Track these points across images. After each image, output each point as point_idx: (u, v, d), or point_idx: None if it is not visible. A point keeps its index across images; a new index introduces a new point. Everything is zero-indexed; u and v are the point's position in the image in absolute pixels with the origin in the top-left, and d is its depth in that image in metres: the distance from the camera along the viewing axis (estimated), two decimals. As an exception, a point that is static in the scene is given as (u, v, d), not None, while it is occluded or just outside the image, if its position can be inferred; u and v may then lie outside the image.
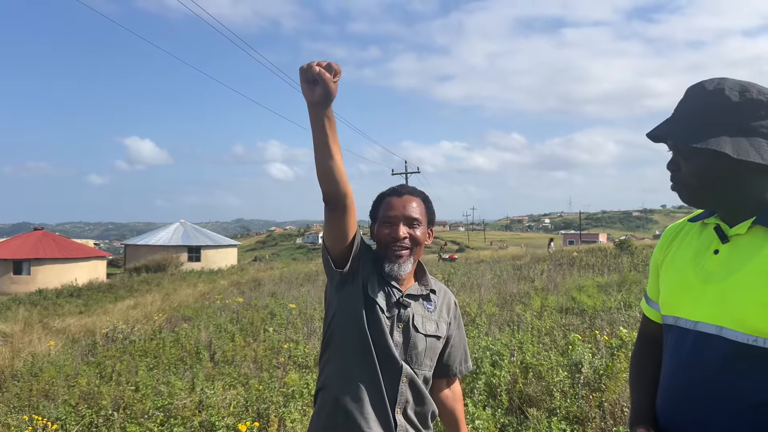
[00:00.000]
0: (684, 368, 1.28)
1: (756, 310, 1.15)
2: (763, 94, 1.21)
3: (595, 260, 17.66)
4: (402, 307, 1.80)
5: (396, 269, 1.79)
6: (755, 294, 1.16)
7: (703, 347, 1.24)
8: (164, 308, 14.94)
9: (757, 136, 1.20)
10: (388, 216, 1.83)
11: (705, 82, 1.27)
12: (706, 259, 1.30)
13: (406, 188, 1.91)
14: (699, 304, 1.27)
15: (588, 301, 9.61)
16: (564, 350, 5.91)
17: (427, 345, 1.82)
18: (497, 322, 8.27)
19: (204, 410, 4.78)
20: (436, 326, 1.87)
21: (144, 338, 8.75)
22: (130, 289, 26.78)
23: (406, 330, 1.79)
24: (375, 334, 1.74)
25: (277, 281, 19.69)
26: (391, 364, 1.75)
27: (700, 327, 1.26)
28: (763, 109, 1.20)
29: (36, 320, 14.95)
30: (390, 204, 1.85)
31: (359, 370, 1.75)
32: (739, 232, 1.25)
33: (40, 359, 7.58)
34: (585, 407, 4.36)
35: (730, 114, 1.21)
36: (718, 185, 1.25)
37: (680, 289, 1.34)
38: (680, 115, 1.29)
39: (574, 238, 73.00)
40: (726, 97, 1.21)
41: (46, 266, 35.38)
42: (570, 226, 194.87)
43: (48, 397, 5.86)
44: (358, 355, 1.75)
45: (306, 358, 6.71)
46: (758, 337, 1.15)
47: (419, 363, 1.81)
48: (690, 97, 1.28)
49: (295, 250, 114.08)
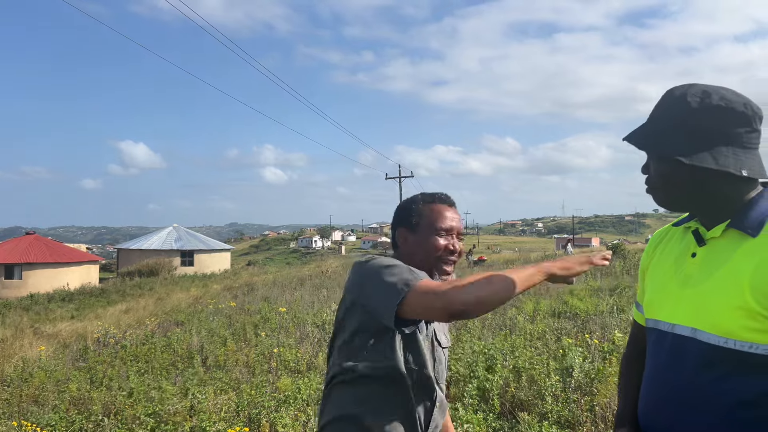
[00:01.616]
0: (661, 371, 1.30)
1: (729, 314, 1.16)
2: (725, 100, 1.21)
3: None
4: (428, 322, 1.71)
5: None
6: (727, 297, 1.17)
7: (679, 349, 1.26)
8: (157, 313, 14.87)
9: (716, 141, 1.20)
10: (445, 228, 1.73)
11: (675, 88, 1.28)
12: (685, 262, 1.31)
13: (450, 198, 1.82)
14: (677, 307, 1.28)
15: (580, 305, 9.63)
16: (556, 354, 5.93)
17: (446, 358, 1.77)
18: (490, 326, 8.28)
19: (195, 415, 4.76)
20: (448, 337, 1.83)
21: (136, 343, 8.71)
22: (123, 293, 26.64)
23: (433, 345, 1.71)
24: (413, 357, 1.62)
25: (271, 286, 19.63)
26: (427, 389, 1.65)
27: (677, 330, 1.27)
28: (722, 115, 1.20)
29: (27, 325, 14.86)
30: (444, 214, 1.75)
31: (390, 398, 1.60)
32: (715, 235, 1.26)
33: (31, 364, 7.53)
34: (576, 411, 4.37)
35: (692, 120, 1.21)
36: (681, 189, 1.26)
37: (661, 292, 1.36)
38: (650, 119, 1.30)
39: (567, 242, 73.18)
40: (688, 103, 1.22)
41: (37, 271, 35.17)
42: (563, 230, 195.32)
43: (38, 402, 5.82)
44: (389, 381, 1.59)
45: (298, 363, 6.70)
46: (728, 339, 1.16)
47: (442, 378, 1.74)
48: (660, 103, 1.29)
49: (289, 255, 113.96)
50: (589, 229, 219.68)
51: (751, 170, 1.20)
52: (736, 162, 1.19)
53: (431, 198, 1.79)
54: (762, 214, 1.21)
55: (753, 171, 1.21)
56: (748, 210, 1.22)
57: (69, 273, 36.17)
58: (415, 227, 1.74)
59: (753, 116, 1.21)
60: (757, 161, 1.23)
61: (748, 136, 1.21)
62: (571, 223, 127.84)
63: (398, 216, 1.82)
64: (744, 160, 1.20)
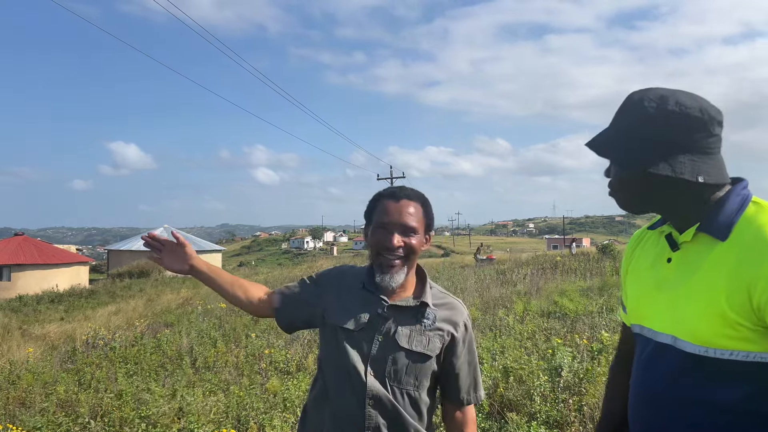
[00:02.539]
0: (643, 376, 1.31)
1: (706, 322, 1.15)
2: (680, 105, 1.19)
3: (577, 265, 17.80)
4: (382, 319, 1.69)
5: (387, 279, 1.68)
6: (704, 305, 1.16)
7: (660, 357, 1.26)
8: (146, 314, 14.80)
9: (673, 147, 1.19)
10: (383, 222, 1.70)
11: (634, 92, 1.27)
12: (661, 267, 1.31)
13: (405, 191, 1.75)
14: (658, 314, 1.28)
15: (570, 305, 9.67)
16: (545, 354, 5.95)
17: (410, 362, 1.67)
18: (480, 326, 8.30)
19: (184, 417, 4.73)
20: (428, 343, 1.70)
21: (125, 345, 8.66)
22: (113, 294, 26.48)
23: (387, 344, 1.67)
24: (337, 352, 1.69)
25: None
26: (356, 383, 1.65)
27: (659, 338, 1.27)
28: (677, 121, 1.18)
29: (15, 327, 14.73)
30: (386, 208, 1.71)
31: (331, 392, 1.69)
32: (686, 240, 1.25)
33: (18, 366, 7.46)
34: (565, 411, 4.38)
35: (648, 126, 1.20)
36: (641, 195, 1.26)
37: (642, 297, 1.36)
38: (611, 125, 1.29)
39: (558, 242, 73.49)
40: (645, 109, 1.21)
41: (26, 272, 34.87)
42: (554, 230, 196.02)
43: (25, 405, 5.77)
44: (329, 375, 1.71)
45: (288, 364, 6.69)
46: (708, 348, 1.15)
47: (398, 380, 1.67)
48: (621, 108, 1.28)
49: (281, 255, 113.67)
50: (579, 229, 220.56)
51: (708, 176, 1.19)
52: (693, 168, 1.18)
53: (383, 193, 1.78)
54: (730, 217, 1.19)
55: (710, 176, 1.19)
56: (716, 212, 1.21)
57: (58, 274, 35.89)
58: (368, 223, 1.78)
59: (710, 121, 1.19)
60: (717, 165, 1.21)
61: (706, 141, 1.19)
62: (562, 223, 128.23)
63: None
64: (701, 165, 1.19)
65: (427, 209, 1.77)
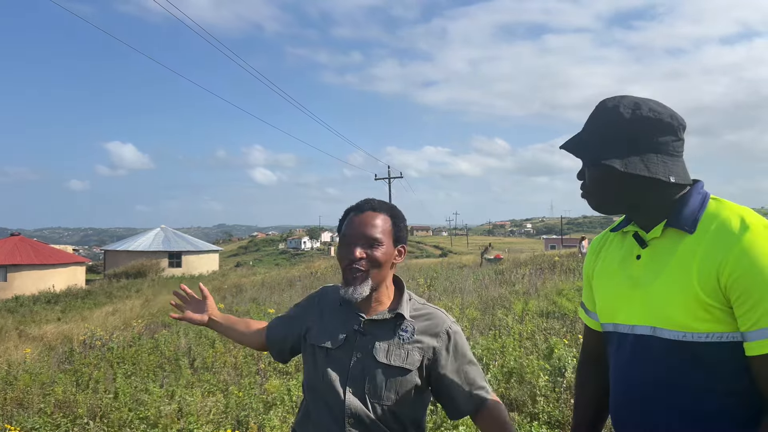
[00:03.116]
0: (625, 371, 1.36)
1: (682, 308, 1.23)
2: (653, 111, 1.30)
3: (576, 264, 17.79)
4: (359, 335, 1.68)
5: (350, 292, 1.64)
6: (679, 293, 1.24)
7: (640, 348, 1.32)
8: (144, 314, 14.76)
9: (646, 150, 1.29)
10: (345, 235, 1.70)
11: (607, 99, 1.37)
12: (630, 265, 1.38)
13: (371, 203, 1.73)
14: (632, 309, 1.35)
15: (568, 305, 9.66)
16: (545, 354, 5.93)
17: (387, 376, 1.64)
18: (479, 326, 8.28)
19: (183, 418, 4.71)
20: (406, 356, 1.66)
21: (122, 345, 8.62)
22: (110, 295, 26.43)
23: (365, 360, 1.65)
24: (312, 371, 1.72)
25: (259, 287, 19.56)
26: (333, 401, 1.65)
27: (636, 330, 1.33)
28: (651, 126, 1.29)
29: (12, 327, 14.69)
30: (350, 221, 1.70)
31: (312, 412, 1.71)
32: (655, 236, 1.34)
33: (16, 367, 7.42)
34: (566, 411, 4.36)
35: (624, 130, 1.30)
36: (614, 194, 1.34)
37: (614, 296, 1.42)
38: (585, 129, 1.38)
39: (556, 242, 73.56)
40: (620, 114, 1.31)
41: (22, 272, 34.76)
42: (552, 230, 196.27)
43: (22, 405, 5.74)
44: (309, 396, 1.73)
45: (287, 365, 6.66)
46: (686, 333, 1.23)
47: (378, 396, 1.63)
48: (594, 114, 1.37)
49: (278, 256, 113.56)
50: (577, 229, 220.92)
51: (677, 176, 1.31)
52: (665, 169, 1.29)
53: (349, 208, 1.78)
54: (694, 212, 1.30)
55: (679, 177, 1.31)
56: (681, 208, 1.32)
57: (55, 275, 35.79)
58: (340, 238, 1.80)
59: (678, 126, 1.31)
60: (682, 167, 1.33)
61: (674, 145, 1.31)
62: (559, 223, 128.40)
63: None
64: (671, 166, 1.30)
65: (396, 221, 1.73)
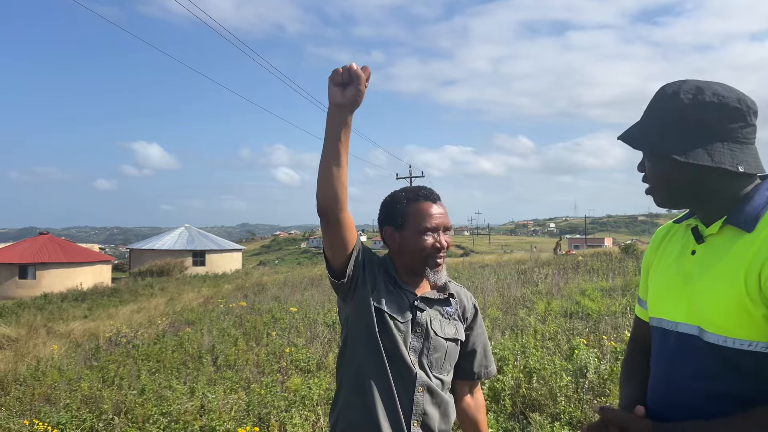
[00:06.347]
0: (664, 369, 1.30)
1: (726, 311, 1.15)
2: (717, 95, 1.19)
3: (600, 264, 17.57)
4: (419, 311, 1.77)
5: (440, 277, 1.80)
6: (724, 295, 1.16)
7: (681, 348, 1.25)
8: (168, 312, 14.94)
9: (711, 138, 1.20)
10: (432, 226, 1.78)
11: (667, 85, 1.27)
12: (685, 260, 1.31)
13: (433, 192, 1.85)
14: (679, 305, 1.28)
15: (592, 306, 9.54)
16: (568, 355, 5.87)
17: (448, 349, 1.80)
18: (500, 326, 8.22)
19: (205, 415, 4.76)
20: (455, 329, 1.83)
21: (147, 342, 8.75)
22: (135, 293, 26.81)
23: (424, 334, 1.76)
24: (386, 342, 1.71)
25: (281, 285, 19.66)
26: (406, 373, 1.72)
27: (680, 328, 1.26)
28: (715, 111, 1.19)
29: (40, 324, 14.98)
30: (428, 212, 1.79)
31: (373, 383, 1.71)
32: (712, 232, 1.25)
33: (44, 363, 7.58)
34: (588, 412, 4.32)
35: (685, 117, 1.21)
36: (678, 187, 1.26)
37: (664, 290, 1.35)
38: (644, 117, 1.29)
39: (580, 242, 72.80)
40: (680, 100, 1.22)
41: (51, 270, 35.46)
42: (575, 230, 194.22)
43: (50, 401, 5.85)
44: (372, 367, 1.72)
45: (308, 362, 6.69)
46: (727, 337, 1.15)
47: (439, 367, 1.78)
48: (653, 100, 1.28)
49: (300, 255, 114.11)
50: (601, 229, 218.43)
51: (747, 165, 1.20)
52: (732, 158, 1.19)
53: (415, 196, 1.82)
54: (756, 209, 1.20)
55: (749, 166, 1.20)
56: (743, 205, 1.21)
57: (82, 273, 36.44)
58: (401, 227, 1.80)
59: (747, 111, 1.20)
60: (753, 156, 1.22)
61: (743, 131, 1.20)
62: (583, 223, 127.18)
63: (384, 214, 1.86)
64: (740, 155, 1.20)
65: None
